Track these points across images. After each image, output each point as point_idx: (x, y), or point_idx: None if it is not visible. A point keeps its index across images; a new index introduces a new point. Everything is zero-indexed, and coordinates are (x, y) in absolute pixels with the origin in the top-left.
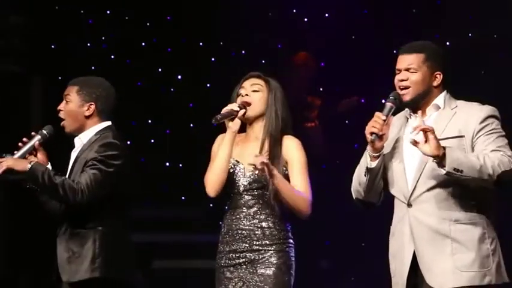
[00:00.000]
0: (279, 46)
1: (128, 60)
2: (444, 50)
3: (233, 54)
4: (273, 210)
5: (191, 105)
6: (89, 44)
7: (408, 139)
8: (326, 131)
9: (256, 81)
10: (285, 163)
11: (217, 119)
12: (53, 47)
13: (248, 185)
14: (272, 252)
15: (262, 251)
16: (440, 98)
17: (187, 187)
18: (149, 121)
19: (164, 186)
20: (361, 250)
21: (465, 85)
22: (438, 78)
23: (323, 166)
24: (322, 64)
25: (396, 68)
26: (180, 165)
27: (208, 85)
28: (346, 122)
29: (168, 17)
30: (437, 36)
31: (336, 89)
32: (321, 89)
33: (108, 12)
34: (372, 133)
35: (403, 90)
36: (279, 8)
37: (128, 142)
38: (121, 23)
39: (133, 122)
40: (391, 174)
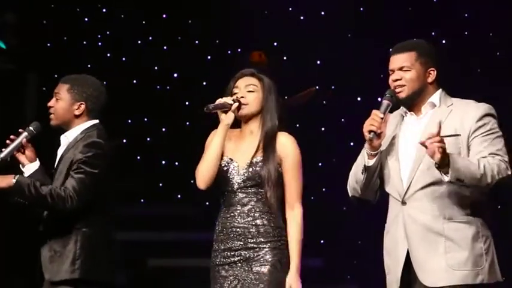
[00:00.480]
0: (275, 44)
1: (124, 58)
2: (437, 48)
3: (229, 52)
4: (268, 207)
5: (187, 103)
6: (85, 42)
7: (417, 139)
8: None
9: (250, 80)
10: (279, 160)
11: (208, 108)
12: (49, 45)
13: (242, 183)
14: (267, 249)
15: (257, 249)
16: (435, 96)
17: (183, 185)
18: (145, 119)
19: (160, 184)
20: (356, 248)
21: (461, 84)
22: (432, 74)
23: (319, 164)
24: (318, 62)
25: (389, 69)
26: (176, 163)
27: (204, 83)
28: (342, 120)
29: (164, 15)
30: (433, 34)
31: (332, 87)
32: (317, 87)
33: (104, 10)
34: (371, 131)
35: (398, 88)
36: (275, 7)
37: (124, 140)
38: (117, 21)
39: (129, 120)
40: (387, 172)
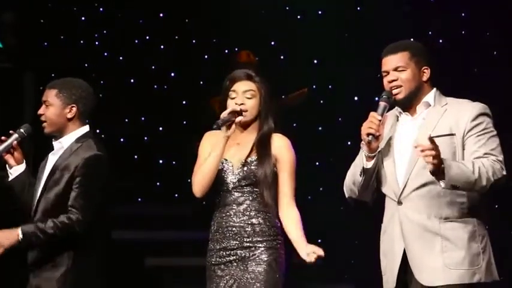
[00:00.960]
0: (273, 43)
1: (121, 57)
2: (434, 47)
3: (226, 51)
4: (263, 206)
5: (184, 102)
6: (82, 41)
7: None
8: (317, 128)
9: (248, 85)
10: (275, 160)
11: (218, 124)
12: (46, 44)
13: (237, 182)
14: (263, 249)
15: (252, 248)
16: (430, 95)
17: (180, 184)
18: (142, 118)
19: (157, 183)
20: (353, 247)
21: (458, 83)
22: (426, 72)
23: (317, 164)
24: (315, 61)
25: (383, 71)
26: (173, 162)
27: (201, 82)
28: (339, 120)
29: (161, 15)
30: (430, 33)
31: (329, 87)
32: (314, 87)
33: (101, 9)
34: (369, 134)
35: (395, 89)
36: (272, 6)
37: (121, 139)
38: (114, 21)
39: (126, 119)
40: (382, 172)
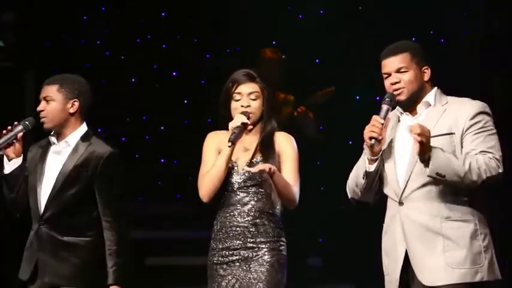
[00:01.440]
0: (274, 43)
1: (123, 56)
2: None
3: (228, 50)
4: (268, 207)
5: (186, 101)
6: (84, 41)
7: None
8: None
9: (252, 87)
10: (278, 158)
11: (233, 141)
12: (47, 44)
13: (242, 183)
14: (266, 250)
15: (256, 249)
16: (431, 95)
17: (181, 184)
18: (144, 117)
19: (159, 182)
20: (355, 247)
21: (459, 82)
22: (427, 72)
23: (318, 163)
24: (317, 61)
25: (384, 73)
26: (175, 161)
27: (202, 82)
28: (340, 119)
29: (163, 14)
30: (431, 32)
31: (332, 86)
32: (315, 86)
33: (103, 8)
34: (372, 138)
35: (398, 91)
36: (273, 5)
37: (123, 138)
38: (116, 20)
39: (127, 119)
40: (384, 173)
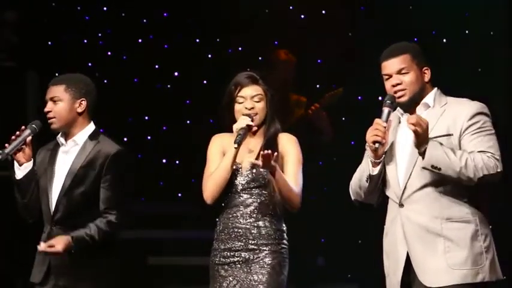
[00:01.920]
0: (276, 43)
1: (125, 56)
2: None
3: (230, 50)
4: (271, 209)
5: (188, 101)
6: (86, 41)
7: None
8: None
9: (255, 90)
10: (282, 159)
11: (237, 142)
12: (49, 43)
13: (246, 184)
14: (267, 252)
15: (257, 251)
16: (430, 96)
17: (183, 184)
18: (146, 118)
19: (161, 183)
20: (357, 247)
21: (461, 82)
22: (427, 73)
23: (320, 163)
24: (319, 61)
25: (385, 74)
26: (177, 161)
27: (204, 82)
28: (342, 119)
29: (165, 14)
30: (433, 33)
31: (333, 87)
32: (318, 86)
33: (104, 8)
34: (375, 142)
35: (399, 93)
36: (276, 5)
37: (125, 139)
38: (117, 20)
39: (129, 119)
40: (386, 175)
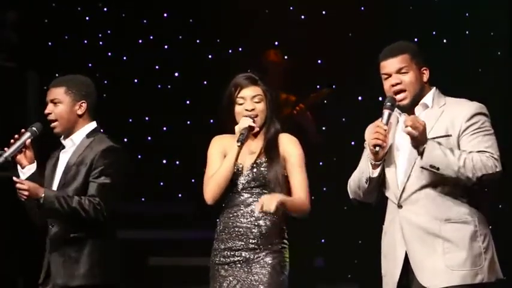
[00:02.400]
0: (276, 44)
1: (125, 57)
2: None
3: (230, 51)
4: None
5: (188, 102)
6: (86, 41)
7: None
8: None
9: (255, 90)
10: (283, 161)
11: (240, 140)
12: (50, 44)
13: (246, 184)
14: (268, 252)
15: (257, 250)
16: (428, 96)
17: (184, 184)
18: (146, 118)
19: (161, 183)
20: (357, 248)
21: (462, 83)
22: (426, 73)
23: (320, 163)
24: (319, 62)
25: (384, 74)
26: (177, 162)
27: (205, 82)
28: (342, 120)
29: (165, 14)
30: (433, 33)
31: (333, 86)
32: (318, 87)
33: (105, 9)
34: (376, 145)
35: (399, 94)
36: (276, 5)
37: (125, 139)
38: (118, 20)
39: (130, 119)
40: (385, 176)
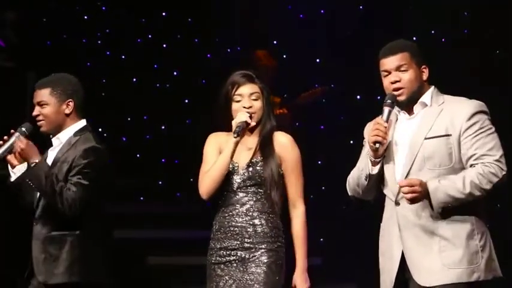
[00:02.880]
0: (275, 43)
1: (123, 56)
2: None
3: (229, 50)
4: (267, 207)
5: (187, 101)
6: (84, 40)
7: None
8: (319, 127)
9: (252, 88)
10: (279, 160)
11: (237, 132)
12: (48, 43)
13: (242, 183)
14: (263, 251)
15: (253, 249)
16: (427, 95)
17: (182, 183)
18: (145, 117)
19: (160, 182)
20: (356, 247)
21: (461, 82)
22: (425, 72)
23: (319, 162)
24: (317, 61)
25: (384, 70)
26: (176, 161)
27: (203, 81)
28: (341, 119)
29: (164, 13)
30: (432, 32)
31: (332, 86)
32: (316, 85)
33: (103, 8)
34: (376, 142)
35: (398, 91)
36: (275, 5)
37: (124, 138)
38: (116, 20)
39: (129, 118)
40: (383, 173)
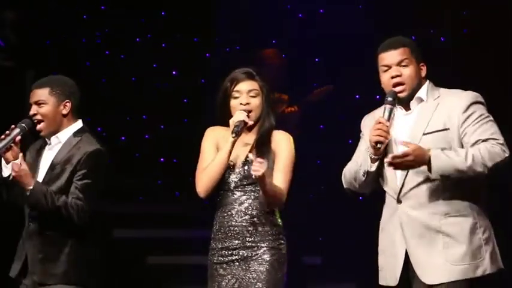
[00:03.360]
0: (274, 42)
1: (123, 55)
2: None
3: (228, 50)
4: (266, 206)
5: (186, 100)
6: (84, 40)
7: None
8: (319, 127)
9: (251, 85)
10: (274, 156)
11: (235, 132)
12: (48, 43)
13: (239, 182)
14: (265, 249)
15: (255, 248)
16: (423, 90)
17: (181, 183)
18: (143, 116)
19: (158, 181)
20: (355, 246)
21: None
22: (423, 69)
23: (318, 162)
24: (316, 60)
25: (384, 65)
26: (175, 160)
27: (202, 81)
28: (340, 118)
29: (163, 13)
30: (432, 31)
31: (331, 85)
32: (315, 85)
33: (102, 7)
34: (378, 142)
35: (398, 86)
36: (273, 4)
37: (123, 137)
38: (115, 19)
39: (127, 117)
40: (384, 171)
